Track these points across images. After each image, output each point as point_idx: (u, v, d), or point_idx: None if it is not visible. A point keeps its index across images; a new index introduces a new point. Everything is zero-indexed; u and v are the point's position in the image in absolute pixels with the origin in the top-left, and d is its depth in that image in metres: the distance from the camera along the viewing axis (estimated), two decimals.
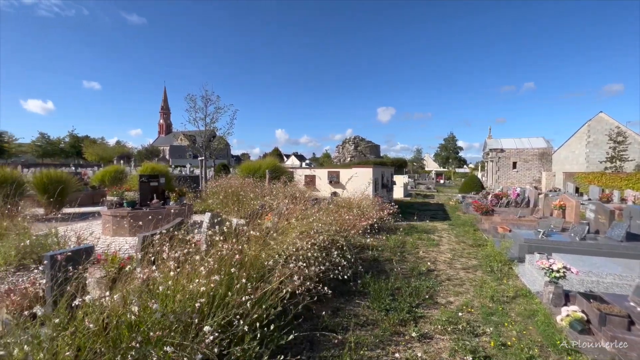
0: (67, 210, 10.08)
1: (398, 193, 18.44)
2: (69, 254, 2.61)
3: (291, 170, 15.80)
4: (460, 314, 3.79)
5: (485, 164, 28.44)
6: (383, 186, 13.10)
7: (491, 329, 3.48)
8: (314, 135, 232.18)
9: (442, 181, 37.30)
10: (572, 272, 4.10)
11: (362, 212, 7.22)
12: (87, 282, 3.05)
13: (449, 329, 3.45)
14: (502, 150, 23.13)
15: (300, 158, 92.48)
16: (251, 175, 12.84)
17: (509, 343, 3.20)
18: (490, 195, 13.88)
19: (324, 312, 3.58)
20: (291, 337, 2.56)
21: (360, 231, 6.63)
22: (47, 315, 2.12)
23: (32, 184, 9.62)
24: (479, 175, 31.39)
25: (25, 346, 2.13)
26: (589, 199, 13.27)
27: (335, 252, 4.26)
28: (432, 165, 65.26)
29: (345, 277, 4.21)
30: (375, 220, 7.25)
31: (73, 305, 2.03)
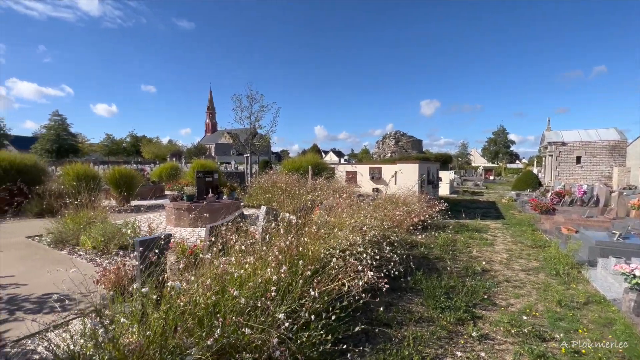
0: (134, 202, 11.26)
1: (444, 190, 17.66)
2: (162, 241, 2.94)
3: (332, 166, 15.90)
4: (524, 317, 3.58)
5: (543, 158, 26.00)
6: (429, 182, 12.64)
7: (561, 335, 3.25)
8: (353, 131, 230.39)
9: (491, 177, 34.87)
10: None
11: (409, 209, 7.07)
12: (166, 266, 3.42)
13: (513, 331, 3.28)
14: (563, 144, 20.94)
15: (339, 154, 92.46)
16: (294, 171, 13.18)
17: (584, 351, 2.97)
18: (550, 193, 12.71)
19: (378, 307, 3.62)
20: (358, 328, 2.64)
21: (407, 228, 6.52)
22: (143, 292, 2.43)
23: (106, 179, 10.88)
24: (535, 171, 28.81)
25: (123, 318, 2.47)
26: None
27: (387, 248, 4.25)
28: (479, 161, 61.25)
29: (397, 273, 4.19)
30: (424, 217, 7.07)
31: (167, 285, 2.30)
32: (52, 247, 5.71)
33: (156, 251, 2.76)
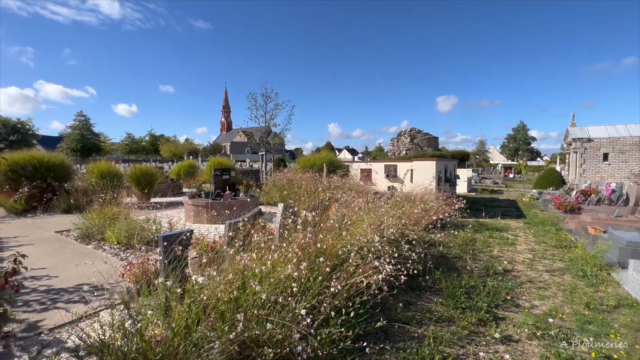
0: (154, 199, 11.60)
1: (461, 188, 17.27)
2: (184, 236, 3.01)
3: (347, 164, 15.83)
4: (550, 319, 3.46)
5: (567, 155, 24.95)
6: (446, 180, 12.39)
7: (590, 339, 3.11)
8: (367, 129, 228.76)
9: (511, 175, 33.80)
10: None
11: (427, 207, 6.95)
12: (188, 261, 3.50)
13: (538, 334, 3.18)
14: (589, 140, 20.01)
15: (352, 152, 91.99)
16: (308, 169, 13.21)
17: (616, 356, 2.83)
18: (575, 192, 12.20)
19: (396, 305, 3.59)
20: (378, 324, 2.62)
21: (425, 227, 6.41)
22: (166, 285, 2.50)
23: (128, 177, 11.25)
24: (558, 168, 27.70)
25: (149, 311, 2.55)
26: None
27: (406, 246, 4.20)
28: (498, 158, 59.49)
29: (415, 271, 4.13)
30: (442, 215, 6.93)
31: (191, 279, 2.35)
32: (79, 242, 5.96)
33: (180, 247, 2.83)
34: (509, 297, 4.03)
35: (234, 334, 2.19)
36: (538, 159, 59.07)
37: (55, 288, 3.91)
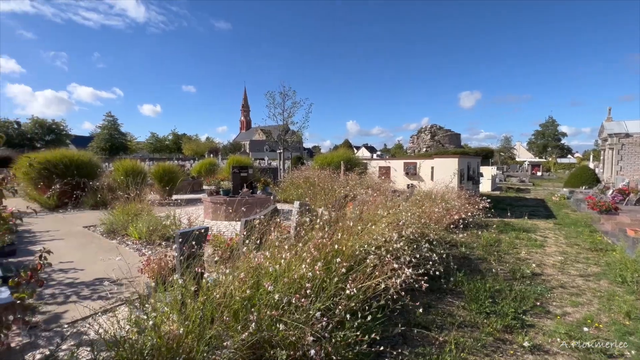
0: (176, 196, 11.91)
1: (485, 186, 16.61)
2: (196, 232, 3.02)
3: (365, 161, 15.60)
4: (584, 328, 3.19)
5: (601, 152, 23.41)
6: (469, 178, 11.92)
7: (632, 352, 2.84)
8: (387, 126, 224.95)
9: (539, 173, 32.19)
10: None
11: (448, 206, 6.68)
12: (204, 258, 3.52)
13: (572, 344, 2.94)
14: (627, 135, 18.62)
15: (371, 150, 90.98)
16: (326, 166, 13.12)
17: None
18: (611, 191, 11.39)
19: (416, 308, 3.44)
20: (397, 330, 2.49)
21: (447, 226, 6.17)
22: (180, 283, 2.50)
23: (151, 174, 11.62)
24: (591, 165, 26.06)
25: (166, 307, 2.56)
26: None
27: (426, 246, 4.02)
28: (524, 155, 56.87)
29: (436, 273, 3.95)
30: (464, 215, 6.65)
31: (205, 277, 2.34)
32: (104, 237, 6.19)
33: (193, 243, 2.83)
34: (538, 303, 3.78)
35: (246, 333, 2.15)
36: (569, 156, 55.92)
37: (79, 281, 4.06)
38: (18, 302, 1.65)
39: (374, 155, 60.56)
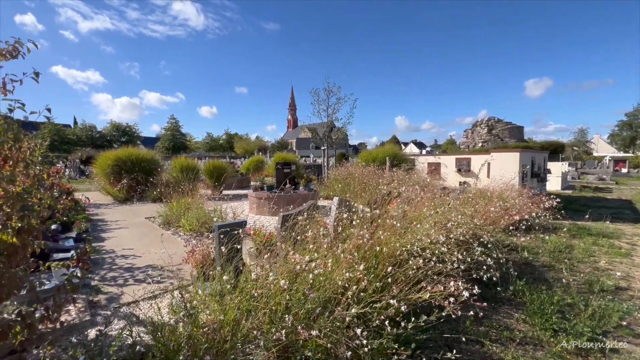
0: (226, 192, 12.61)
1: (554, 184, 14.71)
2: (237, 227, 3.06)
3: (412, 157, 14.85)
4: None
5: None
6: (533, 175, 10.62)
7: None
8: (438, 121, 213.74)
9: (624, 170, 27.64)
10: None
11: (507, 205, 5.97)
12: (243, 251, 3.57)
13: None
14: None
15: (420, 145, 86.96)
16: (370, 163, 12.76)
17: None
18: None
19: (465, 317, 3.08)
20: (448, 354, 2.20)
21: (505, 228, 5.51)
22: (218, 275, 2.54)
23: (203, 171, 12.44)
24: None
25: (206, 297, 2.62)
26: None
27: (479, 249, 3.59)
28: (605, 150, 49.31)
29: (492, 280, 3.51)
30: (527, 215, 5.89)
31: (241, 269, 2.32)
32: (161, 227, 6.74)
33: (232, 234, 2.86)
34: (624, 323, 3.14)
35: (278, 334, 2.08)
36: None
37: (135, 267, 4.43)
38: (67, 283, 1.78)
39: (423, 152, 57.70)
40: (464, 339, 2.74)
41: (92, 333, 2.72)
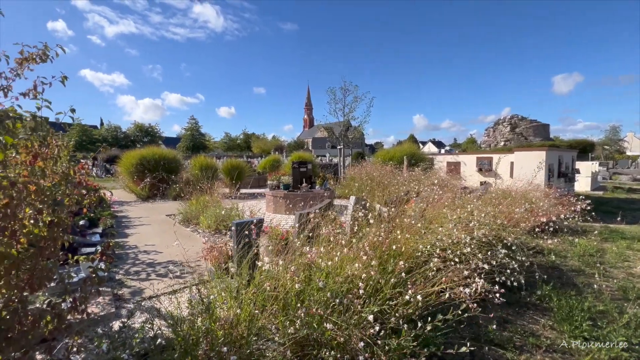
0: (243, 190, 12.80)
1: (583, 185, 13.99)
2: (253, 225, 3.09)
3: (430, 157, 14.54)
4: None
5: None
6: (560, 175, 10.13)
7: None
8: (458, 119, 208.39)
9: None
10: None
11: (532, 206, 5.71)
12: (259, 248, 3.60)
13: None
14: None
15: (438, 145, 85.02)
16: (388, 162, 12.58)
17: None
18: None
19: (488, 321, 2.96)
20: (463, 349, 2.12)
21: (530, 230, 5.27)
22: (233, 272, 2.56)
23: (222, 170, 12.68)
24: None
25: (223, 292, 2.66)
26: None
27: (502, 252, 3.45)
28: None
29: (515, 283, 3.36)
30: (554, 217, 5.61)
31: (257, 265, 2.34)
32: (180, 224, 6.92)
33: (247, 232, 2.88)
34: None
35: (292, 328, 2.07)
36: None
37: (157, 262, 4.56)
38: (94, 276, 1.84)
39: (442, 150, 56.36)
40: (486, 347, 2.64)
41: (116, 325, 2.82)
